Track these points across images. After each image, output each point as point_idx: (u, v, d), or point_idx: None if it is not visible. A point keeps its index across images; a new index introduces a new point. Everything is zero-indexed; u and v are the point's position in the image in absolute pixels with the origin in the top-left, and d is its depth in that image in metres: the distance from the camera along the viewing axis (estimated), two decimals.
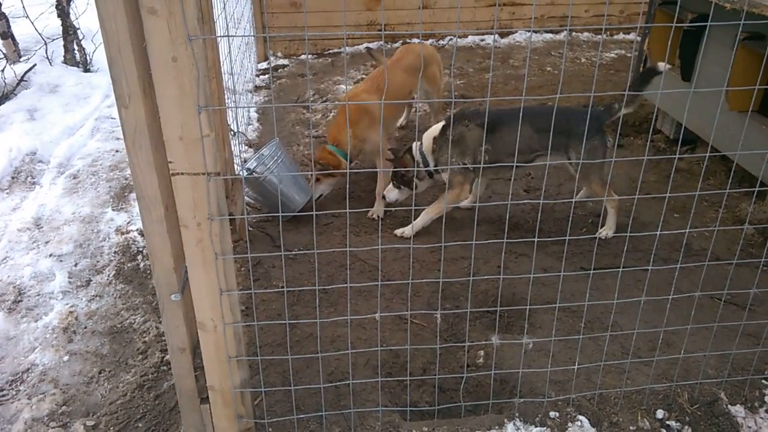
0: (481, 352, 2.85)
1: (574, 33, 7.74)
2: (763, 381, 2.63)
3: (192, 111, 1.65)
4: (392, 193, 3.90)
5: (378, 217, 3.99)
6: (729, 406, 2.52)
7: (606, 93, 1.89)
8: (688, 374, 2.65)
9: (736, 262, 2.51)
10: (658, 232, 2.25)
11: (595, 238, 3.56)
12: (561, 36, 7.69)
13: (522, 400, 2.52)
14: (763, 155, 3.50)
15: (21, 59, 6.31)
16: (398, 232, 3.80)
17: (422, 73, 4.48)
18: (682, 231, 2.56)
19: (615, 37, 7.76)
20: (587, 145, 3.50)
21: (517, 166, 3.75)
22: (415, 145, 3.80)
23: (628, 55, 7.06)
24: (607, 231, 3.69)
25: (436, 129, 3.76)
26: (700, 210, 3.96)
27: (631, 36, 7.67)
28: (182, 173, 1.73)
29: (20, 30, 6.63)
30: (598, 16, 7.66)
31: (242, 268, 3.43)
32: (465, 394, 2.60)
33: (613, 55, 7.15)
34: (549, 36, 7.69)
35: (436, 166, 3.74)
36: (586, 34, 7.72)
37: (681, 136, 3.54)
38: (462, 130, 3.64)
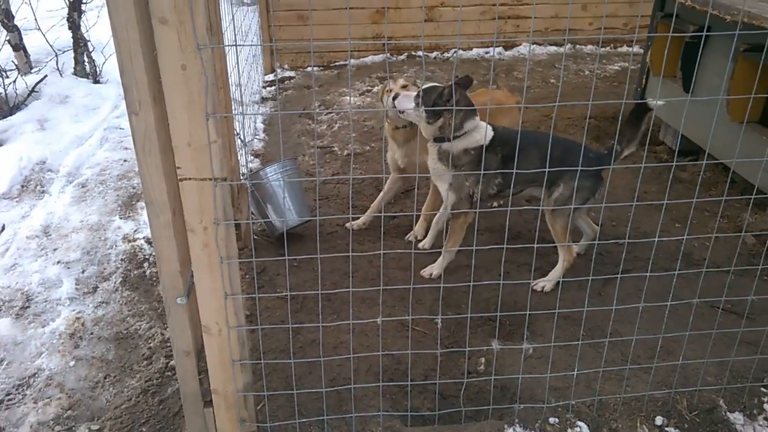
0: (482, 359, 2.88)
1: (578, 45, 7.81)
2: (762, 389, 2.65)
3: (200, 118, 1.70)
4: (405, 100, 3.23)
5: (416, 238, 3.85)
6: (728, 413, 2.54)
7: (607, 102, 1.95)
8: (687, 381, 2.67)
9: (733, 269, 2.54)
10: (656, 239, 2.29)
11: (595, 245, 3.58)
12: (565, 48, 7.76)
13: (522, 406, 2.54)
14: (762, 164, 3.53)
15: (32, 70, 6.43)
16: (425, 273, 3.50)
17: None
18: (680, 238, 2.59)
19: (619, 49, 7.82)
20: (576, 182, 3.15)
21: (507, 195, 3.46)
22: (481, 122, 3.21)
23: (633, 67, 7.11)
24: (545, 283, 3.36)
25: (488, 136, 3.20)
26: (702, 220, 3.98)
27: (636, 48, 7.72)
28: (190, 178, 1.78)
29: (32, 42, 6.75)
30: (603, 28, 7.73)
31: (247, 276, 3.47)
32: (466, 400, 2.63)
33: (616, 67, 7.21)
34: (553, 49, 7.75)
35: (448, 159, 3.18)
36: (590, 46, 7.79)
37: (677, 146, 3.55)
38: (493, 154, 3.17)
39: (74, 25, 6.21)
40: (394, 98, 3.30)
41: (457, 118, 3.14)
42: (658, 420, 2.49)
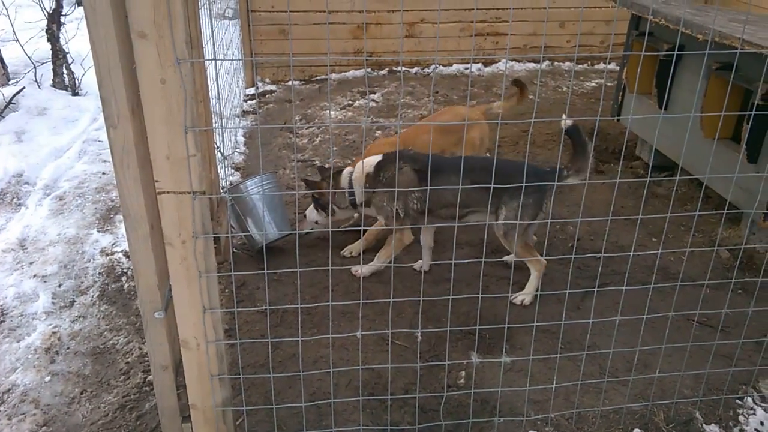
0: (462, 373, 2.89)
1: (556, 62, 7.93)
2: (737, 401, 2.69)
3: (179, 131, 1.70)
4: (312, 214, 3.77)
5: (351, 254, 3.92)
6: (704, 425, 2.57)
7: (581, 118, 2.01)
8: (664, 394, 2.70)
9: (707, 283, 2.59)
10: (632, 253, 2.32)
11: (573, 259, 3.62)
12: (544, 65, 7.88)
13: (502, 419, 2.55)
14: (734, 180, 3.60)
15: (10, 82, 6.37)
16: (354, 269, 3.65)
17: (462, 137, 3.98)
18: (656, 252, 2.63)
19: (596, 66, 7.95)
20: (517, 202, 3.19)
21: (451, 223, 3.47)
22: (347, 172, 3.57)
23: (609, 84, 7.23)
24: (524, 296, 3.40)
25: (371, 164, 3.48)
26: (678, 235, 4.05)
27: (612, 65, 7.86)
28: (168, 192, 1.77)
29: (10, 54, 6.70)
30: (580, 46, 7.86)
31: (226, 290, 3.45)
32: (446, 413, 2.63)
33: (594, 84, 7.32)
34: (532, 65, 7.86)
35: (365, 202, 3.54)
36: (567, 63, 7.91)
37: (651, 162, 3.61)
38: (394, 173, 3.37)
39: (53, 37, 6.17)
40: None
41: (333, 187, 3.56)
42: None
